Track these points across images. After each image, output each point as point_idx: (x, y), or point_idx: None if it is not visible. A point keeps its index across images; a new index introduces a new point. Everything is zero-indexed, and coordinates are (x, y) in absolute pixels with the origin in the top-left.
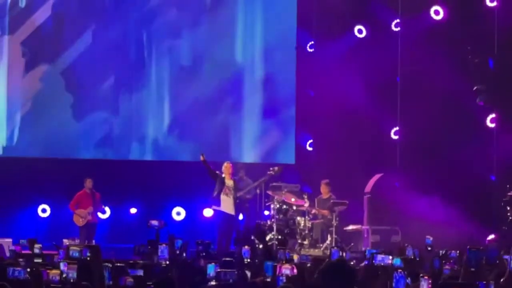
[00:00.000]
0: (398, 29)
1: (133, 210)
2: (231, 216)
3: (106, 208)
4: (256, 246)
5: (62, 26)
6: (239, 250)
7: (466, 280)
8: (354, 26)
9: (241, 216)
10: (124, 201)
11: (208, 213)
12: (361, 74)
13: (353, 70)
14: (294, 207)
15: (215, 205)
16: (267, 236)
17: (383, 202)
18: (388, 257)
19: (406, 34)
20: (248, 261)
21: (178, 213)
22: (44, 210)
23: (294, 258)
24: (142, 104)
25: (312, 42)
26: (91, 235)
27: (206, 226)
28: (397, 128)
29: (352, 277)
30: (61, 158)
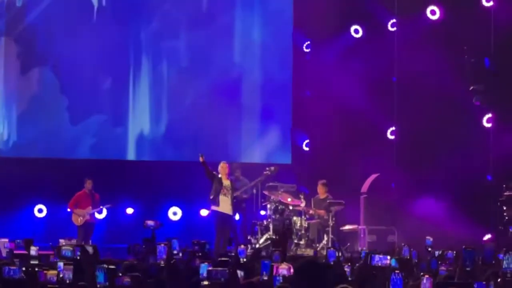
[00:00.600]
0: (394, 29)
1: (129, 210)
2: (229, 216)
3: (103, 208)
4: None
5: (59, 27)
6: (235, 249)
7: (461, 279)
8: (350, 26)
9: (237, 216)
10: (120, 201)
11: (204, 213)
12: (357, 74)
13: (349, 70)
14: (291, 207)
15: (213, 205)
16: (263, 237)
17: (380, 202)
18: (386, 257)
19: (402, 34)
20: (244, 260)
21: (175, 213)
22: (40, 210)
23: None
24: (139, 105)
25: (308, 42)
26: (89, 235)
27: (202, 226)
28: (393, 128)
29: (324, 276)
30: (57, 158)
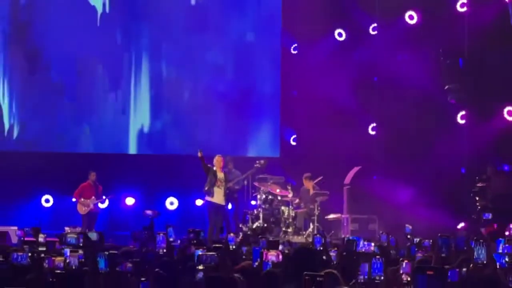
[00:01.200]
0: (375, 32)
1: (130, 201)
2: (222, 206)
3: (105, 198)
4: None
5: (65, 30)
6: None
7: (437, 264)
8: (334, 30)
9: (230, 205)
10: (122, 192)
11: (199, 202)
12: (341, 74)
13: (333, 70)
14: (279, 197)
15: (208, 196)
16: (254, 224)
17: (361, 193)
18: (370, 244)
19: (383, 37)
20: (233, 247)
21: (172, 202)
22: (47, 200)
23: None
24: (139, 102)
25: (295, 45)
26: (92, 223)
27: (197, 215)
28: (374, 124)
29: (315, 261)
30: (63, 152)
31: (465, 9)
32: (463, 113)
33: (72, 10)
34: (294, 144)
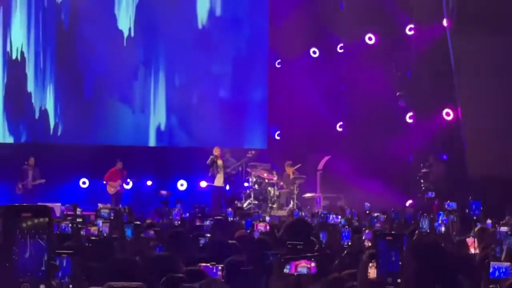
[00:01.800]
0: (342, 50)
1: (149, 183)
2: (221, 187)
3: (129, 181)
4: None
5: (98, 46)
6: (226, 212)
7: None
8: (310, 49)
9: (227, 187)
10: (142, 176)
11: (203, 184)
12: (315, 84)
13: (309, 81)
14: (266, 180)
15: (210, 181)
16: (247, 201)
17: (331, 177)
18: (338, 217)
19: (348, 54)
20: (231, 219)
21: (182, 184)
22: (84, 183)
23: (266, 218)
24: (158, 104)
25: (279, 60)
26: (119, 201)
27: (201, 194)
28: (341, 123)
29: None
30: (96, 144)
31: (412, 32)
32: (411, 114)
33: (104, 33)
34: (278, 138)
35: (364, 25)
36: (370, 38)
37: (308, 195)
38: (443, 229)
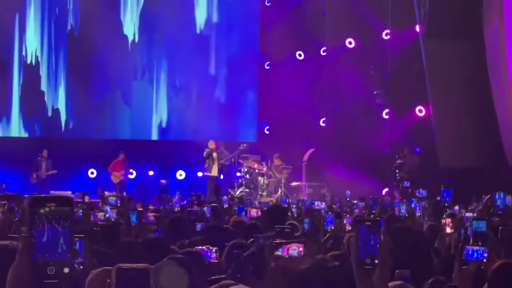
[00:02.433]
0: (325, 53)
1: (150, 173)
2: (216, 177)
3: (132, 171)
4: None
5: (106, 49)
6: (221, 199)
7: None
8: (296, 52)
9: (222, 176)
10: (145, 166)
11: (200, 174)
12: (300, 83)
13: (295, 81)
14: (257, 171)
15: (207, 171)
16: (239, 189)
17: (315, 167)
18: (322, 203)
19: (330, 57)
20: (226, 206)
21: (180, 174)
22: (92, 173)
23: (256, 204)
24: (160, 101)
25: (268, 62)
26: (123, 189)
27: (198, 183)
28: (324, 118)
29: (284, 214)
30: (104, 138)
31: (388, 37)
32: (387, 110)
33: (111, 38)
34: (267, 132)
35: (344, 30)
36: (350, 42)
37: (294, 184)
38: (418, 214)
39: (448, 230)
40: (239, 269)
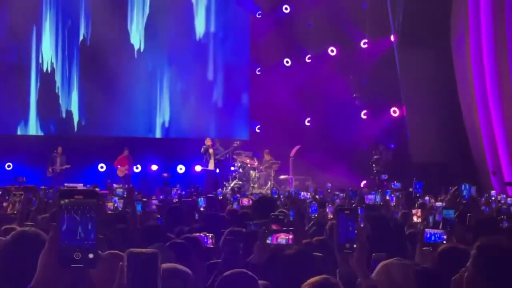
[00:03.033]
0: (310, 60)
1: (154, 167)
2: (213, 171)
3: (138, 165)
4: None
5: (114, 56)
6: (216, 191)
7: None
8: (283, 59)
9: (218, 170)
10: (149, 161)
11: (198, 168)
12: (288, 88)
13: (283, 85)
14: (249, 165)
15: (204, 166)
16: (233, 182)
17: (301, 162)
18: (307, 194)
19: (314, 63)
20: (220, 198)
21: (181, 168)
22: (102, 167)
23: (249, 195)
24: (163, 103)
25: (259, 68)
26: (128, 182)
27: (196, 176)
28: (309, 118)
29: (272, 204)
30: (113, 136)
31: (366, 45)
32: (365, 111)
33: (119, 46)
34: (258, 131)
35: (327, 40)
36: (332, 51)
37: (282, 177)
38: (393, 204)
39: (415, 219)
40: (232, 252)
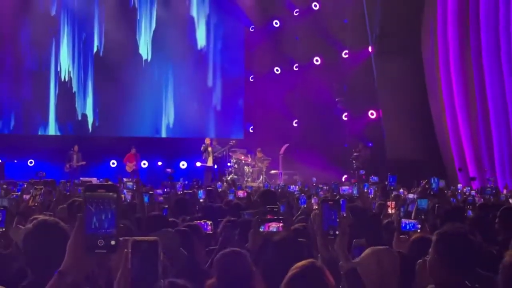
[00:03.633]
0: (297, 69)
1: (159, 163)
2: (211, 167)
3: (145, 161)
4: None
5: (124, 64)
6: (215, 184)
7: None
8: (274, 67)
9: (215, 166)
10: (155, 158)
11: (198, 164)
12: (278, 93)
13: (273, 90)
14: (243, 161)
15: (204, 162)
16: (229, 176)
17: (289, 158)
18: (295, 187)
19: (302, 71)
20: (220, 190)
21: (183, 164)
22: (113, 163)
23: (244, 188)
24: (168, 107)
25: (252, 76)
26: (136, 177)
27: (197, 171)
28: (296, 120)
29: (274, 196)
30: (123, 136)
31: (346, 56)
32: (346, 113)
33: (128, 57)
34: (251, 131)
35: (312, 51)
36: (317, 60)
37: (273, 172)
38: (371, 196)
39: (390, 210)
40: (228, 238)
